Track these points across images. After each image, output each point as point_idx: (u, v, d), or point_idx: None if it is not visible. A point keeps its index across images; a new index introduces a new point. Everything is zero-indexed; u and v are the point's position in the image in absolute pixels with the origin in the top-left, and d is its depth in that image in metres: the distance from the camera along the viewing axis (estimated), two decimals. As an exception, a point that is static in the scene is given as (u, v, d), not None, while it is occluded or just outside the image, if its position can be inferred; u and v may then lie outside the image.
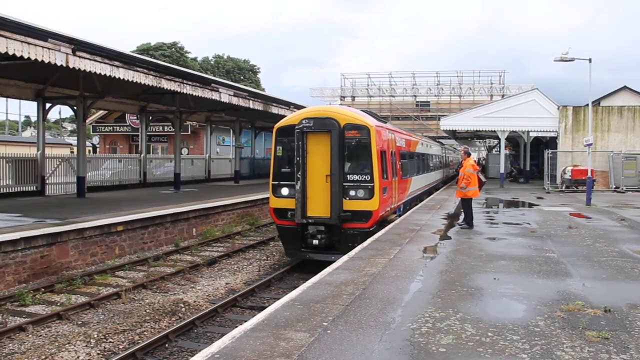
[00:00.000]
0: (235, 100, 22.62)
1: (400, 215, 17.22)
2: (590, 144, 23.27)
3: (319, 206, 13.73)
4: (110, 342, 8.95)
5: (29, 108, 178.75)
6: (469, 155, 15.29)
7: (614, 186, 30.79)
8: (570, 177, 30.23)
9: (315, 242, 13.67)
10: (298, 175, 13.66)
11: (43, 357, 8.26)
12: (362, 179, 13.80)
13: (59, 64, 13.36)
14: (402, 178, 17.90)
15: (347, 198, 13.74)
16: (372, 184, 13.75)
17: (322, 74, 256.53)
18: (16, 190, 21.23)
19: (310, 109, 15.24)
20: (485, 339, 5.79)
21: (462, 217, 15.45)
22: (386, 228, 14.34)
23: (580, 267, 9.55)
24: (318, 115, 14.07)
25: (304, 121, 13.79)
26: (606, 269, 9.48)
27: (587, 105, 25.99)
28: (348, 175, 13.82)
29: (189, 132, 40.12)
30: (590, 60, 23.23)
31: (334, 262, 10.00)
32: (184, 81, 18.95)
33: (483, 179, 14.99)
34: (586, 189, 22.78)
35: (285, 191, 14.22)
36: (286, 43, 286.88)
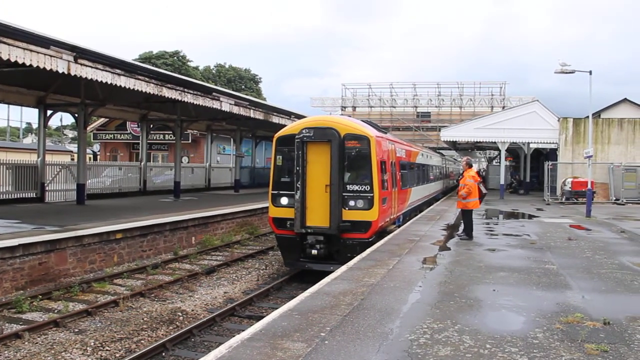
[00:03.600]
0: (236, 110, 22.66)
1: (399, 226, 17.18)
2: (591, 156, 23.26)
3: (318, 216, 13.69)
4: (107, 350, 8.90)
5: (31, 115, 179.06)
6: (470, 166, 15.24)
7: (614, 198, 30.75)
8: (570, 189, 30.21)
9: (314, 252, 13.63)
10: (297, 185, 13.63)
11: (39, 364, 8.22)
12: (362, 189, 13.77)
13: (60, 72, 13.40)
14: (402, 189, 17.87)
15: (347, 208, 13.70)
16: (371, 195, 13.72)
17: (323, 84, 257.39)
18: (16, 196, 21.25)
19: (311, 119, 15.23)
20: (484, 350, 5.76)
21: (461, 228, 15.41)
22: (385, 239, 14.30)
23: (579, 279, 9.52)
24: (318, 125, 14.05)
25: (304, 131, 13.78)
26: (606, 281, 9.44)
27: (588, 117, 26.01)
28: (348, 186, 13.79)
29: (190, 141, 40.19)
30: (590, 72, 23.28)
31: (333, 272, 9.96)
32: (185, 90, 18.99)
33: (484, 191, 14.92)
34: (586, 201, 22.74)
35: (284, 201, 14.19)
36: (287, 53, 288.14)
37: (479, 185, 14.44)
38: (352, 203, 13.73)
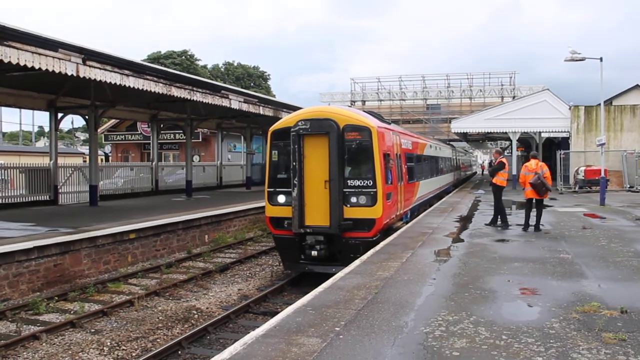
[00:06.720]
0: (245, 107, 22.67)
1: (407, 223, 16.48)
2: (603, 144, 23.05)
3: (317, 214, 12.84)
4: (123, 349, 8.96)
5: (42, 118, 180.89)
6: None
7: (628, 186, 30.45)
8: (583, 178, 29.98)
9: (314, 253, 12.79)
10: (295, 182, 12.76)
11: (57, 365, 8.29)
12: (364, 185, 12.88)
13: (69, 74, 13.46)
14: (409, 183, 17.10)
15: (348, 205, 12.82)
16: (374, 190, 12.83)
17: (331, 79, 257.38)
18: (30, 199, 21.40)
19: (307, 110, 14.17)
20: (500, 342, 5.72)
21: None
22: (398, 232, 14.15)
23: (595, 268, 9.44)
24: (315, 116, 13.09)
25: (300, 123, 12.85)
26: (622, 269, 9.35)
27: (599, 104, 25.77)
28: (348, 181, 12.91)
29: (200, 139, 40.29)
30: (601, 59, 23.01)
31: (335, 274, 9.48)
32: (194, 88, 19.01)
33: (539, 180, 14.04)
34: (600, 189, 22.55)
35: (281, 199, 13.32)
36: (294, 49, 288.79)
37: (540, 178, 13.56)
38: (353, 200, 12.83)
